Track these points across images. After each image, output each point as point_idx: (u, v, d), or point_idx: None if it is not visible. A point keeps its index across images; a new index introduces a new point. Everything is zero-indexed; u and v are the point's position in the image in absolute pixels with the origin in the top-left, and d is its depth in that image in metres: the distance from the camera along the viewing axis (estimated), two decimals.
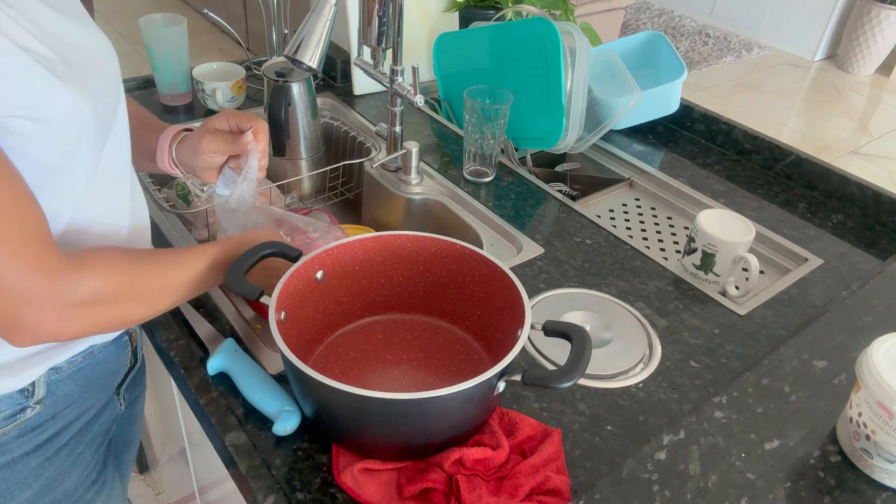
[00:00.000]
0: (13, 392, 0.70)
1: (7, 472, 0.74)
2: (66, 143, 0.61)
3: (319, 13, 0.94)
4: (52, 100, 0.58)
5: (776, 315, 0.95)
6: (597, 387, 0.81)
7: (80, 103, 0.61)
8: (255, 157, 0.82)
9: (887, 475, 0.70)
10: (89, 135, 0.64)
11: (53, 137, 0.60)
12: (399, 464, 0.68)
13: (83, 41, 0.64)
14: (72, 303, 0.59)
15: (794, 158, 1.27)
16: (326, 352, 0.80)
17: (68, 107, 0.60)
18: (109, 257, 0.64)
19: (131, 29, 3.71)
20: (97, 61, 0.66)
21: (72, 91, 0.60)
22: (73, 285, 0.59)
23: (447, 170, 1.23)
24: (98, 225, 0.70)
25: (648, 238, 1.20)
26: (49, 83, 0.58)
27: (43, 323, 0.58)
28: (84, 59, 0.63)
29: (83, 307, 0.60)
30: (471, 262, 0.79)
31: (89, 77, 0.63)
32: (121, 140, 0.71)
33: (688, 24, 4.52)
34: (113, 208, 0.72)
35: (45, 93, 0.58)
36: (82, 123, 0.62)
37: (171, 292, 0.70)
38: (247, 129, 0.82)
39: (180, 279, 0.71)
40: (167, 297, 0.70)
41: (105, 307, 0.62)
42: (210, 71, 1.33)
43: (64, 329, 0.60)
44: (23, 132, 0.57)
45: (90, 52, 0.65)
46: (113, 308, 0.63)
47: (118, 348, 0.83)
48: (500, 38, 1.26)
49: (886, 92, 3.88)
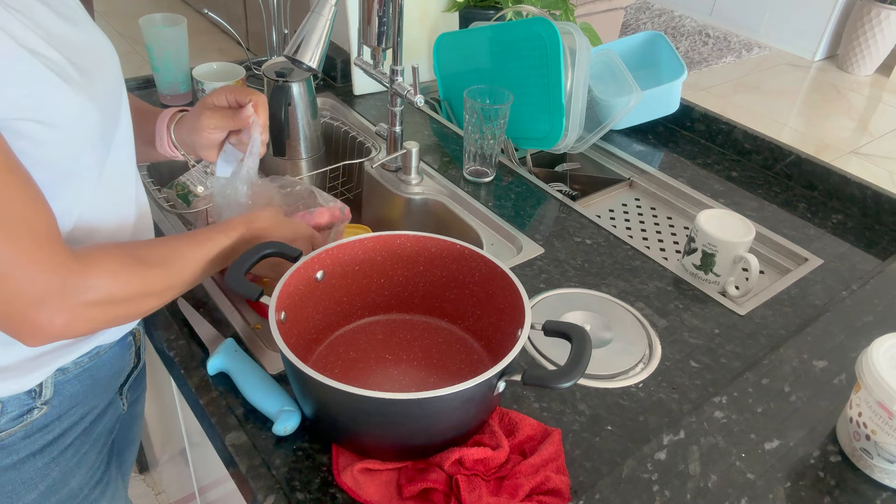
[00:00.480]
0: (20, 393, 0.70)
1: (14, 472, 0.74)
2: (74, 146, 0.62)
3: (319, 13, 0.94)
4: (60, 103, 0.59)
5: (776, 315, 0.95)
6: (597, 387, 0.81)
7: (87, 105, 0.61)
8: (257, 130, 0.81)
9: (887, 475, 0.70)
10: (96, 136, 0.64)
11: (62, 140, 0.60)
12: (399, 464, 0.68)
13: (87, 43, 0.65)
14: (83, 302, 0.59)
15: (794, 158, 1.27)
16: (326, 352, 0.80)
17: (76, 109, 0.60)
18: (118, 255, 0.64)
19: (131, 29, 3.71)
20: (102, 63, 0.66)
21: (79, 94, 0.60)
22: (84, 285, 0.59)
23: (447, 170, 1.23)
24: (106, 221, 0.70)
25: (648, 238, 1.20)
26: (57, 86, 0.58)
27: (55, 322, 0.58)
28: (89, 61, 0.64)
29: (95, 306, 0.61)
30: (471, 262, 0.79)
31: (95, 79, 0.64)
32: (126, 139, 0.72)
33: (688, 24, 4.52)
34: (120, 205, 0.73)
35: (53, 96, 0.58)
36: (90, 125, 0.63)
37: (178, 285, 0.70)
38: (246, 103, 0.81)
39: (188, 271, 0.70)
40: (174, 289, 0.70)
41: (116, 304, 0.63)
42: (210, 71, 1.33)
43: (76, 328, 0.61)
44: (32, 135, 0.57)
45: (95, 55, 0.65)
46: (124, 305, 0.64)
47: (123, 349, 0.83)
48: (500, 38, 1.26)
49: (886, 92, 3.88)
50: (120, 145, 0.70)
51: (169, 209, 1.07)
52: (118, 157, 0.70)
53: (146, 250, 0.67)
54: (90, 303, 0.60)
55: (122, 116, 0.70)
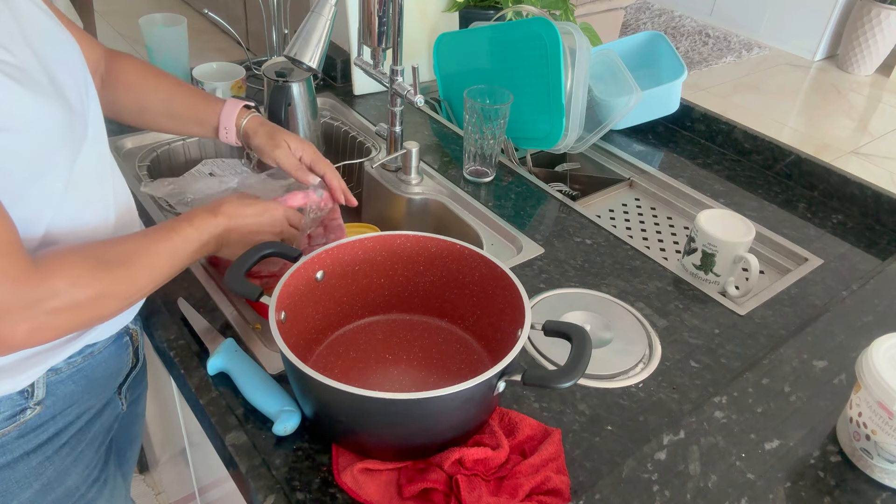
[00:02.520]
0: (13, 393, 0.70)
1: (8, 471, 0.74)
2: (38, 150, 0.61)
3: (319, 13, 0.94)
4: (17, 108, 0.57)
5: (776, 315, 0.95)
6: (597, 387, 0.81)
7: (48, 107, 0.60)
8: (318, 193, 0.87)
9: (887, 475, 0.70)
10: (63, 137, 0.63)
11: (22, 145, 0.59)
12: (399, 464, 0.68)
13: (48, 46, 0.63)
14: (43, 312, 0.59)
15: (794, 158, 1.27)
16: (326, 352, 0.80)
17: (35, 113, 0.59)
18: (77, 259, 0.63)
19: (131, 29, 3.71)
20: (64, 65, 0.65)
21: (38, 98, 0.59)
22: (43, 294, 0.59)
23: (447, 170, 1.23)
24: (82, 222, 0.69)
25: (648, 238, 1.20)
26: (12, 91, 0.57)
27: (17, 334, 0.58)
28: (51, 64, 0.62)
29: (55, 314, 0.60)
30: (471, 262, 0.79)
31: (59, 81, 0.62)
32: (98, 134, 0.70)
33: (688, 24, 4.52)
34: (97, 203, 0.71)
35: (9, 101, 0.57)
36: (55, 127, 0.61)
37: (144, 282, 0.68)
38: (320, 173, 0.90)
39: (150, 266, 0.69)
40: (141, 287, 0.68)
41: (77, 310, 0.62)
42: (210, 71, 1.33)
43: (40, 336, 0.60)
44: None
45: (57, 57, 0.64)
46: (86, 309, 0.63)
47: (119, 349, 0.82)
48: (500, 38, 1.26)
49: (886, 92, 3.88)
50: (92, 140, 0.68)
51: (169, 209, 1.07)
52: (89, 154, 0.68)
53: (108, 250, 0.66)
54: (52, 311, 0.59)
55: (90, 112, 0.69)
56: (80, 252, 0.64)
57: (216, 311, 0.88)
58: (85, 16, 1.72)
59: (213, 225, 0.75)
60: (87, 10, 1.75)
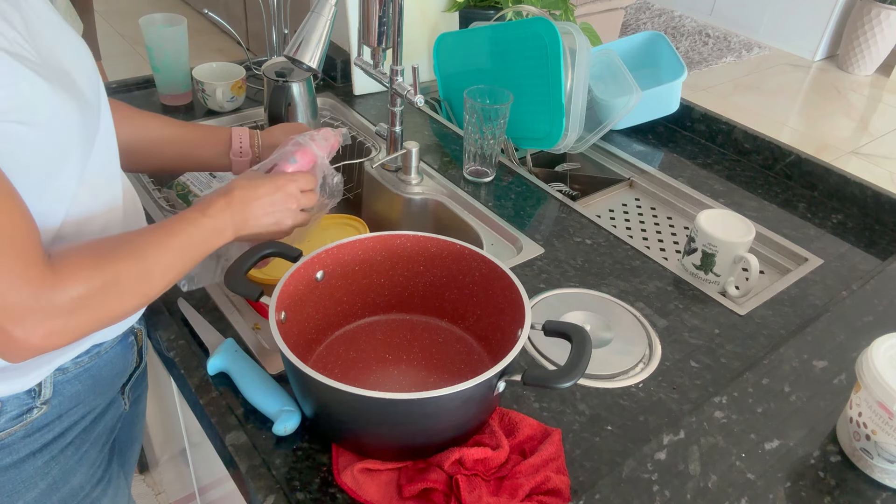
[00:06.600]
0: (20, 393, 0.70)
1: (14, 471, 0.74)
2: (57, 145, 0.61)
3: (319, 13, 0.94)
4: (41, 102, 0.58)
5: (776, 315, 0.95)
6: (597, 387, 0.81)
7: (67, 103, 0.61)
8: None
9: (887, 475, 0.70)
10: (79, 132, 0.64)
11: (44, 140, 0.59)
12: (399, 464, 0.68)
13: (61, 41, 0.64)
14: (58, 314, 0.58)
15: (794, 158, 1.27)
16: (326, 352, 0.80)
17: (56, 108, 0.60)
18: (91, 259, 0.62)
19: (131, 29, 3.71)
20: (77, 59, 0.66)
21: (58, 92, 0.60)
22: (58, 296, 0.58)
23: (447, 170, 1.23)
24: (95, 216, 0.69)
25: (648, 238, 1.20)
26: (37, 86, 0.57)
27: (33, 339, 0.57)
28: (65, 58, 0.63)
29: (70, 316, 0.60)
30: (471, 262, 0.79)
31: (74, 75, 0.63)
32: (108, 133, 0.71)
33: (688, 24, 4.52)
34: (107, 195, 0.72)
35: (33, 96, 0.57)
36: (72, 123, 0.62)
37: (161, 278, 0.68)
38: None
39: (165, 261, 0.68)
40: (158, 283, 0.68)
41: (93, 310, 0.62)
42: (210, 71, 1.33)
43: (56, 341, 0.60)
44: (14, 137, 0.57)
45: (70, 52, 0.65)
46: (101, 308, 0.62)
47: (124, 348, 0.83)
48: (500, 38, 1.26)
49: (886, 92, 3.88)
50: (102, 134, 0.69)
51: (169, 209, 1.07)
52: (101, 147, 0.69)
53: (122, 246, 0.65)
54: (66, 313, 0.59)
55: (102, 111, 0.69)
56: (94, 250, 0.64)
57: (216, 311, 0.88)
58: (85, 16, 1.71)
59: (228, 213, 0.74)
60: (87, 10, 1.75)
